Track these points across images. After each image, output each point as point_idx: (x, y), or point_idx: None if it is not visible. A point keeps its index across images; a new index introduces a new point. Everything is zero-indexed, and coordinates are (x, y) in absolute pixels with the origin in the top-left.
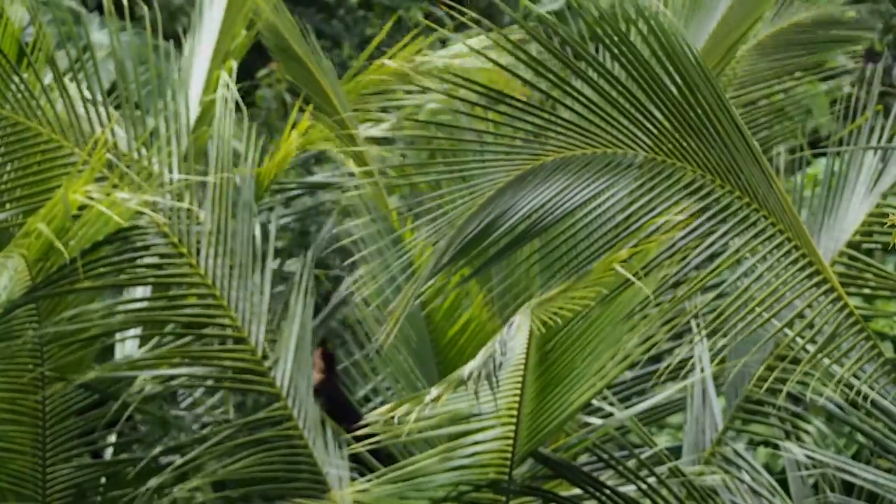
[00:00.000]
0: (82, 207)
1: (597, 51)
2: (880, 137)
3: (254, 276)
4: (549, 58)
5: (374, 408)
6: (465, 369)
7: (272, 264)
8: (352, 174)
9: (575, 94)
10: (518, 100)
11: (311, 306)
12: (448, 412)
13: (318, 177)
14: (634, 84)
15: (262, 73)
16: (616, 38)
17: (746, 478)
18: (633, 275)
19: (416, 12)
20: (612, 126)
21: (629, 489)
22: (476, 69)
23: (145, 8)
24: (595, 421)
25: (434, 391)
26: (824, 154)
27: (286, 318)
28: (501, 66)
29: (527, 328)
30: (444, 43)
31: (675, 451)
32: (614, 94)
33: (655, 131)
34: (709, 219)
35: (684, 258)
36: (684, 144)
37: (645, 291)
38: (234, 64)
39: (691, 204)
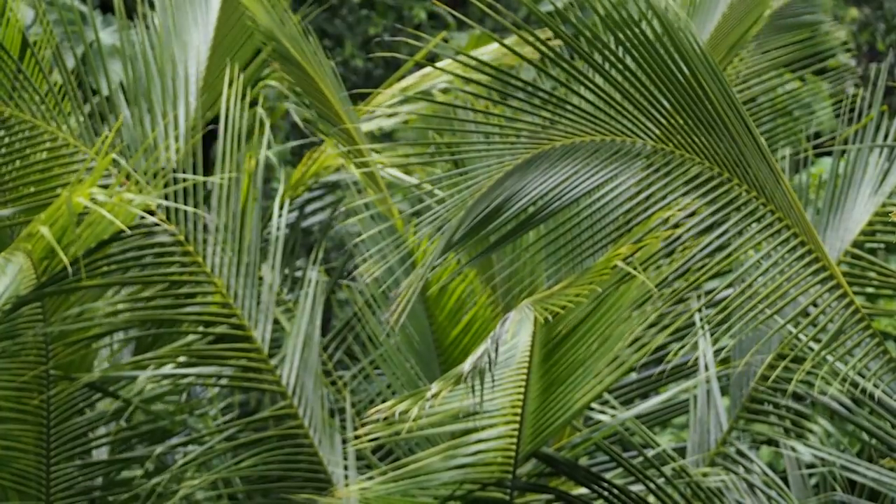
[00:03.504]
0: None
1: (607, 40)
2: (886, 136)
3: (261, 274)
4: (560, 44)
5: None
6: (464, 366)
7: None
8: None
9: (585, 80)
10: (528, 83)
11: (321, 304)
12: (451, 410)
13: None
14: (644, 74)
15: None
16: (627, 30)
17: (754, 478)
18: (636, 269)
19: (420, 11)
20: (621, 114)
21: (633, 489)
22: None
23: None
24: (602, 418)
25: (434, 387)
26: (829, 154)
27: (294, 316)
28: (513, 51)
29: (530, 324)
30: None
31: (679, 452)
32: (624, 82)
33: (664, 122)
34: (715, 212)
35: (689, 249)
36: (693, 136)
37: (648, 286)
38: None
39: (697, 197)
